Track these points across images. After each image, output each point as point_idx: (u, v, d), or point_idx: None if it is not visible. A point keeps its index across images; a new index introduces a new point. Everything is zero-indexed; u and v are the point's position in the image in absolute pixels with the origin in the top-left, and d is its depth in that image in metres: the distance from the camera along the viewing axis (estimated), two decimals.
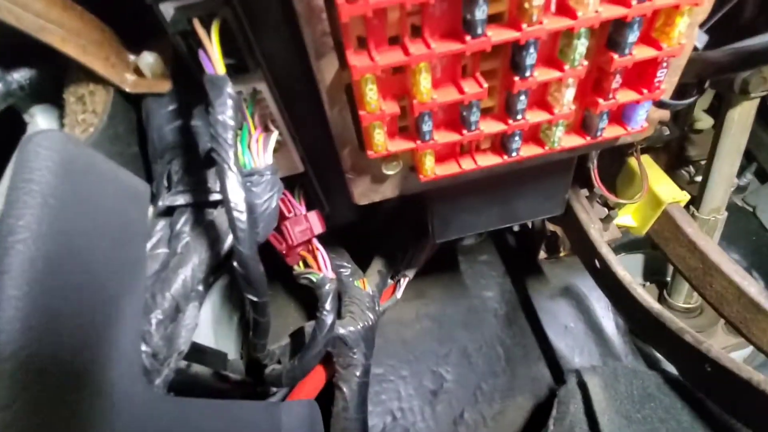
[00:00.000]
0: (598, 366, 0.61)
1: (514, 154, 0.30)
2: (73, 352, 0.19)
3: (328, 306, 0.30)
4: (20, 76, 0.29)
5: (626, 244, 0.85)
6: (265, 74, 0.31)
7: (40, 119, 0.33)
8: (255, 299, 0.25)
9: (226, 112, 0.25)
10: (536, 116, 0.29)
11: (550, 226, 0.79)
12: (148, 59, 0.32)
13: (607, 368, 0.60)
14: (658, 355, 0.67)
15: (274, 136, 0.30)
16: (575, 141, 0.31)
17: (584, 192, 0.57)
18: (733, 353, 0.74)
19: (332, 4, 0.22)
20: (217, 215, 0.29)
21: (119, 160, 0.32)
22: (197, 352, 0.35)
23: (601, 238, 0.51)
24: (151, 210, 0.30)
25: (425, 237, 0.68)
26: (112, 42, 0.32)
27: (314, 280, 0.29)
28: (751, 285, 0.46)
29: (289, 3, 0.23)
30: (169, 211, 0.29)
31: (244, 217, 0.24)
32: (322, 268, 0.31)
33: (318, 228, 0.30)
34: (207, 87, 0.26)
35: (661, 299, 0.79)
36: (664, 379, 0.54)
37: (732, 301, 0.48)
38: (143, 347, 0.22)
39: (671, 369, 0.54)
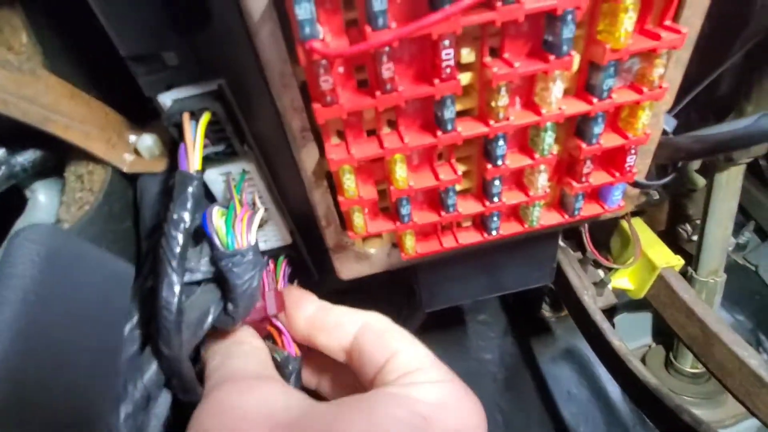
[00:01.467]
0: None
1: (494, 232, 0.31)
2: None
3: (291, 383, 0.30)
4: (23, 159, 0.31)
5: (633, 303, 0.83)
6: (255, 155, 0.33)
7: (40, 195, 0.35)
8: (180, 396, 0.25)
9: (182, 212, 0.25)
10: (513, 197, 0.29)
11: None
12: (147, 142, 0.33)
13: None
14: None
15: (260, 213, 0.31)
16: (554, 219, 0.32)
17: (577, 255, 0.57)
18: (745, 422, 0.69)
19: (311, 102, 0.24)
20: (200, 294, 0.29)
21: (111, 237, 0.33)
22: None
23: (594, 305, 0.50)
24: (133, 287, 0.30)
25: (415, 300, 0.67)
26: (114, 124, 0.34)
27: (278, 359, 0.29)
28: (751, 357, 0.44)
29: None
30: (152, 291, 0.29)
31: (172, 317, 0.24)
32: (286, 345, 0.31)
33: (272, 309, 0.30)
34: (175, 182, 0.27)
35: (668, 363, 0.76)
36: None
37: (734, 371, 0.46)
38: None
39: None
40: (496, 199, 0.29)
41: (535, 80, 0.25)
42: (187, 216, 0.25)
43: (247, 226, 0.30)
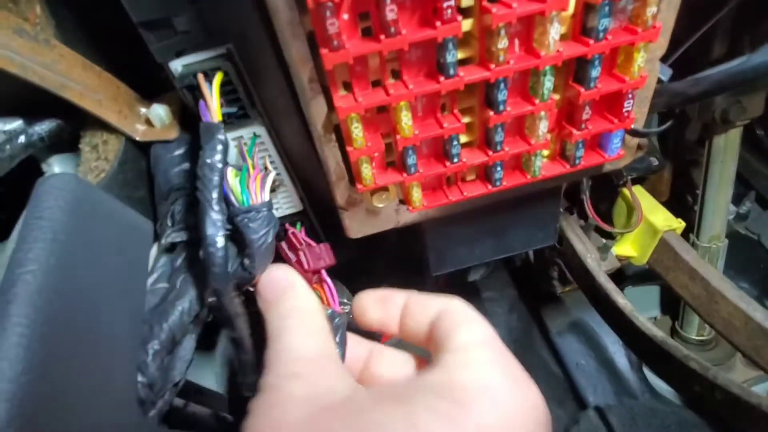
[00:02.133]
0: (614, 405, 0.59)
1: (498, 183, 0.32)
2: (71, 381, 0.20)
3: (337, 340, 0.30)
4: (41, 128, 0.32)
5: (640, 275, 0.83)
6: (264, 120, 0.34)
7: (57, 168, 0.36)
8: (233, 335, 0.26)
9: (214, 156, 0.27)
10: (515, 147, 0.30)
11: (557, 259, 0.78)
12: (158, 111, 0.35)
13: (623, 407, 0.57)
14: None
15: (272, 175, 0.32)
16: (556, 169, 0.33)
17: (580, 222, 0.57)
18: (756, 387, 0.70)
19: (318, 54, 0.25)
20: None
21: (127, 203, 0.34)
22: (195, 392, 0.35)
23: (598, 267, 0.51)
24: (155, 248, 0.31)
25: (426, 273, 0.68)
26: (125, 96, 0.35)
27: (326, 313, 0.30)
28: (756, 310, 0.45)
29: (284, 59, 0.26)
30: (171, 248, 0.30)
31: (220, 253, 0.25)
32: (331, 302, 0.32)
33: (330, 258, 0.31)
34: (201, 133, 0.29)
35: (673, 332, 0.77)
36: (685, 417, 0.52)
37: (740, 328, 0.47)
38: (139, 377, 0.23)
39: None
40: (498, 148, 0.30)
41: (533, 24, 0.26)
42: (219, 158, 0.26)
43: (261, 186, 0.31)
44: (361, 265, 0.59)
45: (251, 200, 0.31)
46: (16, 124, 0.32)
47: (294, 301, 0.26)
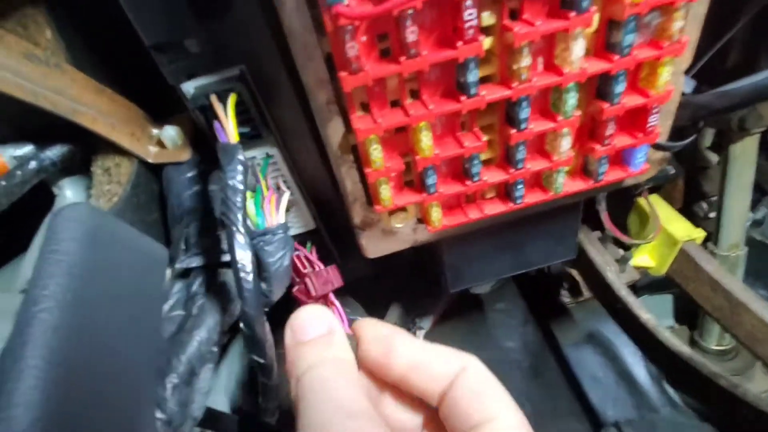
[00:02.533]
0: (635, 419, 0.57)
1: (518, 201, 0.31)
2: (89, 423, 0.19)
3: None
4: (52, 153, 0.32)
5: (653, 284, 0.81)
6: (276, 140, 0.33)
7: (68, 191, 0.35)
8: (261, 361, 0.25)
9: (236, 177, 0.27)
10: (536, 164, 0.30)
11: (573, 271, 0.77)
12: (170, 132, 0.34)
13: (644, 422, 0.56)
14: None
15: (286, 196, 0.32)
16: (578, 186, 0.32)
17: (597, 234, 0.56)
18: None
19: (335, 76, 0.24)
20: (231, 276, 0.29)
21: (140, 227, 0.33)
22: (211, 418, 0.34)
23: (619, 280, 0.50)
24: (168, 272, 0.31)
25: (438, 287, 0.67)
26: (137, 118, 0.34)
27: None
28: None
29: (297, 76, 0.26)
30: (186, 273, 0.30)
31: (250, 277, 0.25)
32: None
33: (338, 281, 0.30)
34: (220, 154, 0.28)
35: (692, 342, 0.75)
36: (707, 431, 0.50)
37: (763, 339, 0.45)
38: (158, 414, 0.22)
39: None
40: (520, 166, 0.29)
41: (555, 41, 0.25)
42: (240, 179, 0.26)
43: (276, 207, 0.30)
44: (373, 281, 0.59)
45: (266, 222, 0.30)
46: (27, 149, 0.32)
47: (332, 349, 0.24)
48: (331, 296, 0.31)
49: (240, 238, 0.25)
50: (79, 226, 0.21)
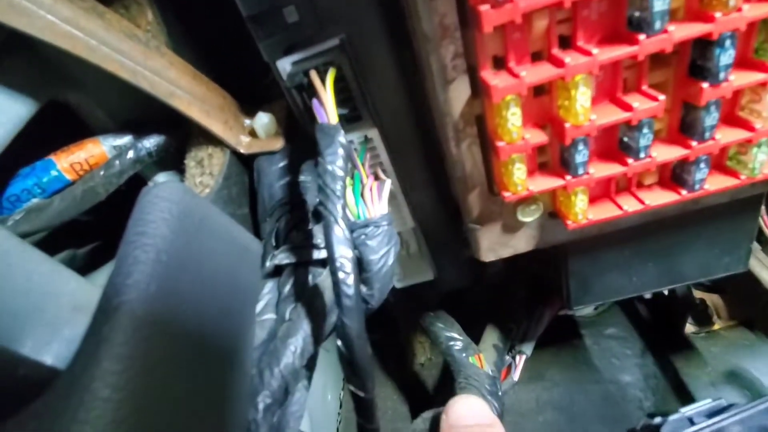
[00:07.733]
0: None
1: (697, 187, 0.23)
2: None
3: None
4: (149, 143, 0.31)
5: None
6: (376, 120, 0.29)
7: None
8: (360, 394, 0.20)
9: (336, 162, 0.22)
10: (729, 135, 0.22)
11: (698, 293, 0.64)
12: (263, 119, 0.32)
13: None
14: None
15: (388, 183, 0.27)
16: None
17: (756, 246, 0.45)
18: None
19: (466, 22, 0.19)
20: (328, 275, 0.25)
21: None
22: None
23: None
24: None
25: (541, 305, 0.59)
26: (231, 107, 0.32)
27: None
28: None
29: (399, 50, 0.21)
30: (277, 272, 0.26)
31: (350, 279, 0.20)
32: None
33: None
34: (318, 136, 0.24)
35: None
36: None
37: None
38: None
39: None
40: (707, 135, 0.21)
41: None
42: (341, 164, 0.22)
43: (378, 195, 0.26)
44: (463, 295, 0.52)
45: (368, 213, 0.25)
46: (126, 139, 0.31)
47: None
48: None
49: (339, 231, 0.20)
50: (171, 207, 0.18)
